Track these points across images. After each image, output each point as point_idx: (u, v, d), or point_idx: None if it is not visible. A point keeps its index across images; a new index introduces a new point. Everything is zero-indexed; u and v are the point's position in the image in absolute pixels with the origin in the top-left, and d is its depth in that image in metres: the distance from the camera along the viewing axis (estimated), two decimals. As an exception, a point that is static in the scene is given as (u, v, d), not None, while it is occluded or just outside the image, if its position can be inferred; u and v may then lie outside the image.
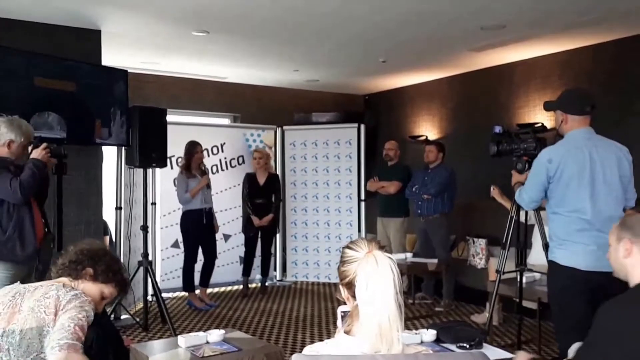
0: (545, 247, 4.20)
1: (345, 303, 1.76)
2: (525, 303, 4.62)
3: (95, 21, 5.36)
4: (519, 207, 4.15)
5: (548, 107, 3.58)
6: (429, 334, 3.19)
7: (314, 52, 6.58)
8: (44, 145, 3.82)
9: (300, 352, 1.74)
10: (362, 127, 7.60)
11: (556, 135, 3.51)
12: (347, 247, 1.72)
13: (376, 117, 8.99)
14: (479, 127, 7.00)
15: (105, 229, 6.30)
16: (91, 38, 5.55)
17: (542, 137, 4.16)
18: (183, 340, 3.23)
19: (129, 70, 5.64)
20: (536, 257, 5.21)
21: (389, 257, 1.64)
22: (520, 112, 6.87)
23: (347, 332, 1.69)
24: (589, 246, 3.17)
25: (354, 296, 1.65)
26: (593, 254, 3.15)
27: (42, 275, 3.53)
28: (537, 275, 4.74)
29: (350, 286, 1.67)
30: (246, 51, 6.47)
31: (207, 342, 3.26)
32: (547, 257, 3.46)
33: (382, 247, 1.69)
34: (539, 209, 4.08)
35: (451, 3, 4.85)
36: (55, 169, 4.29)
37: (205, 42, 6.02)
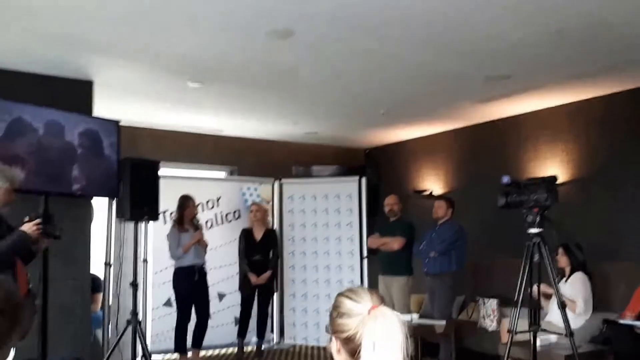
0: (562, 305, 3.91)
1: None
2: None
3: (87, 72, 5.22)
4: (531, 254, 3.86)
5: None
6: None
7: (313, 105, 6.43)
8: (37, 221, 3.65)
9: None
10: (364, 180, 7.33)
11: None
12: (346, 296, 1.54)
13: (378, 171, 8.76)
14: (486, 182, 6.74)
15: (97, 286, 5.95)
16: (83, 89, 5.40)
17: (554, 188, 3.95)
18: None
19: (123, 124, 5.46)
20: (551, 315, 4.89)
21: (397, 315, 1.47)
22: (529, 165, 6.62)
23: None
24: None
25: (351, 353, 1.49)
26: None
27: (22, 337, 3.27)
28: (553, 338, 4.41)
29: (347, 341, 1.49)
30: (242, 103, 6.31)
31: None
32: (563, 317, 3.19)
33: (383, 300, 1.53)
34: (553, 255, 3.81)
35: (453, 54, 4.70)
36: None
37: (200, 94, 5.86)
